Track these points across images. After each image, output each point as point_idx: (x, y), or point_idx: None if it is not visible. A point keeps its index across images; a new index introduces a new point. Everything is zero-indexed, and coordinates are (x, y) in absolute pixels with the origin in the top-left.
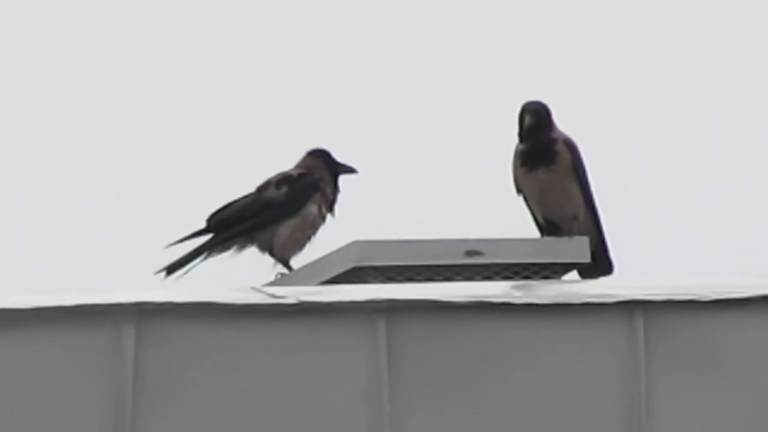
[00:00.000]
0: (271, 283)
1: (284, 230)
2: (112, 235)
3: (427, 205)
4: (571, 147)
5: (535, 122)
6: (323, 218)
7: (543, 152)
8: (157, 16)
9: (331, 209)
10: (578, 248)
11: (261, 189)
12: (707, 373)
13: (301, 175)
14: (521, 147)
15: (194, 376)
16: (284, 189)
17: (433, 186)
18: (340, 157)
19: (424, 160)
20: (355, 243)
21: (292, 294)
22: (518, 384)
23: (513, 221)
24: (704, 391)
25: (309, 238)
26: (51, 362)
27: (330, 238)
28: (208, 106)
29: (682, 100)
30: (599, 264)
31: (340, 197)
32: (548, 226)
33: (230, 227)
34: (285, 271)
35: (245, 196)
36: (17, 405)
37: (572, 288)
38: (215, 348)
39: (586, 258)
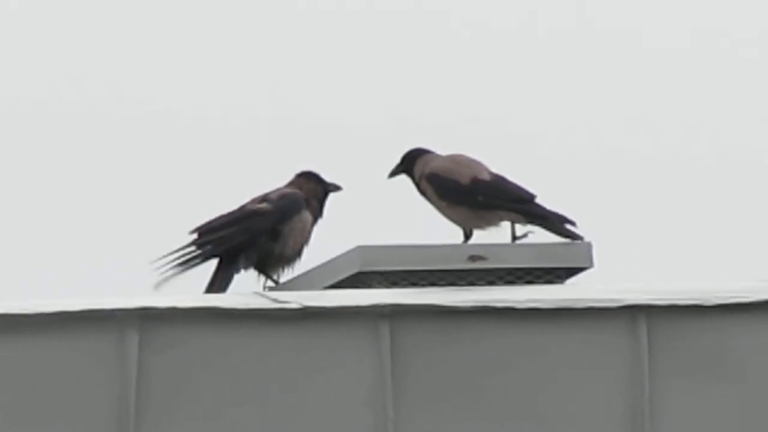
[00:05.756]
0: (275, 288)
1: (282, 241)
2: (116, 238)
3: (431, 209)
4: (432, 180)
5: (397, 172)
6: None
7: (420, 193)
8: (158, 23)
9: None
10: (582, 253)
11: (246, 204)
12: (711, 378)
13: (284, 194)
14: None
15: (197, 381)
16: (269, 203)
17: None
18: (343, 161)
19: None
20: (359, 248)
21: (295, 299)
22: (522, 389)
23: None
24: (708, 395)
25: (303, 247)
26: (55, 367)
27: (334, 243)
28: (213, 112)
29: (688, 101)
30: (568, 237)
31: (339, 205)
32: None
33: (216, 233)
34: (271, 284)
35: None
36: (21, 410)
37: (576, 293)
38: (219, 353)
39: (589, 263)
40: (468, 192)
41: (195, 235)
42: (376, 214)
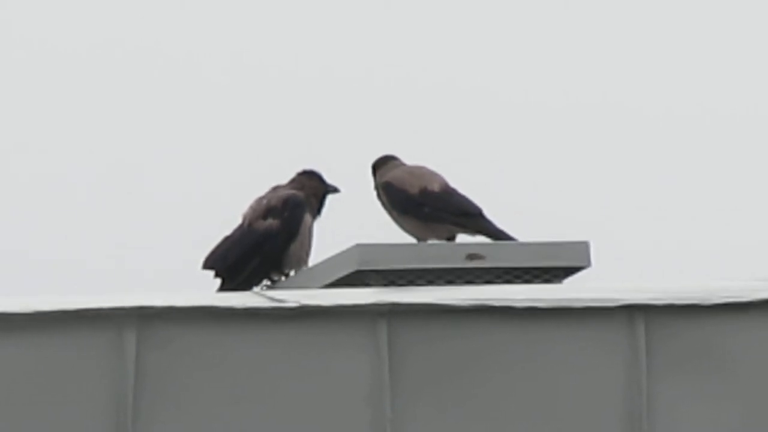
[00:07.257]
0: (272, 287)
1: (293, 253)
2: (113, 238)
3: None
4: (386, 189)
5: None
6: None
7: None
8: (158, 23)
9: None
10: (579, 252)
11: (251, 222)
12: (708, 377)
13: (286, 200)
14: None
15: (195, 380)
16: (274, 215)
17: None
18: (342, 163)
19: (425, 163)
20: (357, 246)
21: (293, 297)
22: (520, 387)
23: (514, 225)
24: (705, 394)
25: (308, 249)
26: (53, 366)
27: (332, 241)
28: (210, 114)
29: (692, 107)
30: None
31: (339, 204)
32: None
33: (239, 269)
34: (269, 283)
35: (237, 233)
36: (19, 408)
37: (573, 292)
38: (216, 352)
39: (587, 262)
40: (415, 202)
41: (211, 270)
42: (374, 213)
